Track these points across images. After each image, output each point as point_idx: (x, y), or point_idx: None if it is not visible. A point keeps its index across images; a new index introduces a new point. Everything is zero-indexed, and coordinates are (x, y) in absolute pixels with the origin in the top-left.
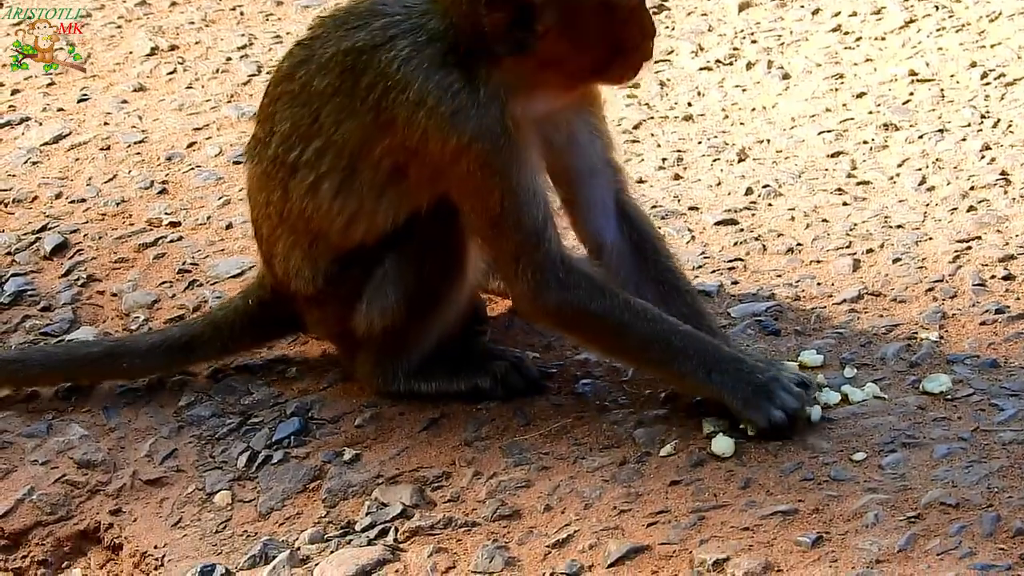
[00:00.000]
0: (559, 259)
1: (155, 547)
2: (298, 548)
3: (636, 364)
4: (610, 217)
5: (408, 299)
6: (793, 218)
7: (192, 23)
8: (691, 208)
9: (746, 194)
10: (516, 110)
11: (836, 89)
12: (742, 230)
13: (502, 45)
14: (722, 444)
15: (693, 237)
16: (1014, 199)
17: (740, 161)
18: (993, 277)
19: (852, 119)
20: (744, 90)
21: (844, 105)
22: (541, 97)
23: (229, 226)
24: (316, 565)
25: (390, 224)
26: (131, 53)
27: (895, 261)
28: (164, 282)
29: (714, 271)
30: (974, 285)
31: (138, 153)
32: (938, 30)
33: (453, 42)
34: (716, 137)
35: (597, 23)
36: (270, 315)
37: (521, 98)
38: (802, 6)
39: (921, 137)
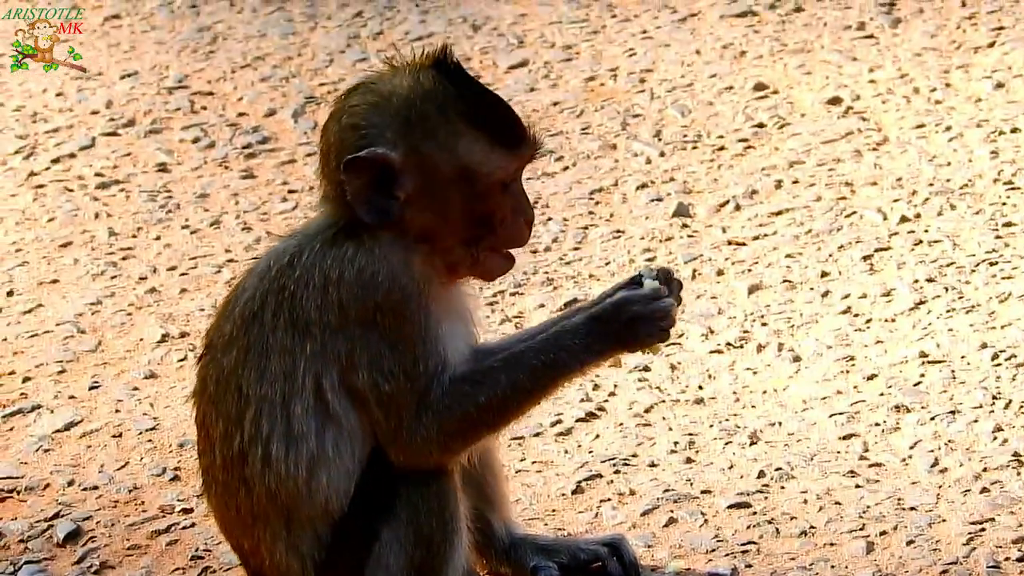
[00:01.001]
0: (448, 389)
1: None
2: None
3: (543, 400)
4: None
5: (414, 566)
6: (806, 501)
7: (202, 310)
8: (704, 491)
9: (759, 477)
10: (416, 266)
11: (847, 371)
12: (755, 513)
13: (366, 212)
14: None
15: (706, 521)
16: None
17: (752, 444)
18: (1008, 559)
19: (863, 401)
20: (755, 373)
21: (855, 387)
22: (434, 273)
23: None
24: None
25: (351, 469)
26: (142, 340)
27: (909, 543)
28: (177, 569)
29: (727, 554)
30: (988, 567)
31: (150, 440)
32: (948, 311)
33: (338, 223)
34: (728, 420)
35: (459, 192)
36: None
37: (417, 263)
38: (812, 288)
39: (933, 419)
